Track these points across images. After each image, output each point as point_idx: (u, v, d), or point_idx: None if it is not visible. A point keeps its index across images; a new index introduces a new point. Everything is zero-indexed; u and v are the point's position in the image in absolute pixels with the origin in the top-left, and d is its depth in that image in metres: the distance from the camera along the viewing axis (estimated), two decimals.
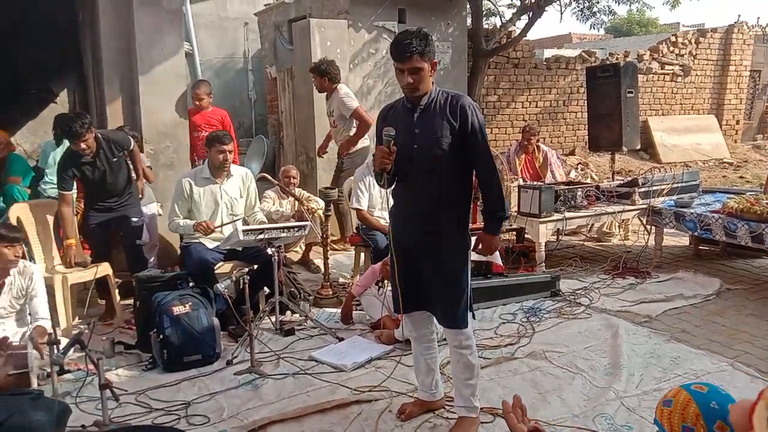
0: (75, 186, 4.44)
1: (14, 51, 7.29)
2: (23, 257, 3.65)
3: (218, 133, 4.38)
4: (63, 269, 4.24)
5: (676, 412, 1.52)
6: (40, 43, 7.18)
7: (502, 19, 9.58)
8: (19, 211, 4.32)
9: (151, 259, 4.71)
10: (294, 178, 5.49)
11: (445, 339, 3.73)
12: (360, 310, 4.28)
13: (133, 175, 4.57)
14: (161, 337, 3.49)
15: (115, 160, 4.35)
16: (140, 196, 4.63)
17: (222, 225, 4.23)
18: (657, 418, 1.59)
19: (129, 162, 4.49)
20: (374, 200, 4.87)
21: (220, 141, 4.24)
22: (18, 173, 5.15)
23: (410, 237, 2.74)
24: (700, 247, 5.89)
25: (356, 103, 5.60)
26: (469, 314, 2.78)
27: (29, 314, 3.54)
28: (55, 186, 4.65)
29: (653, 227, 5.45)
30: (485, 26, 9.33)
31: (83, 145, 4.14)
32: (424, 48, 2.58)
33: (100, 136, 4.32)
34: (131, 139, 4.53)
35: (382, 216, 4.85)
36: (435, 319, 2.90)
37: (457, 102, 2.66)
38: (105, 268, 4.27)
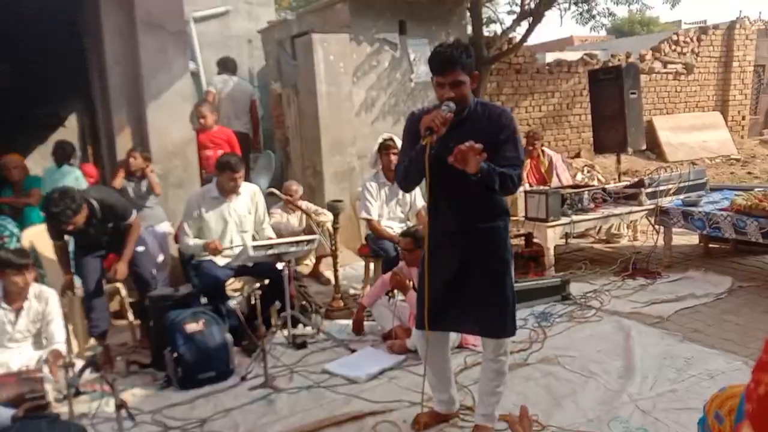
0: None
1: (21, 77, 7.41)
2: (36, 281, 3.70)
3: (231, 161, 4.22)
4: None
5: (720, 398, 1.53)
6: (47, 68, 7.29)
7: (503, 26, 9.63)
8: (33, 235, 4.38)
9: (163, 278, 4.74)
10: (296, 192, 5.45)
11: (458, 347, 3.77)
12: (371, 320, 4.30)
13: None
14: (175, 355, 3.52)
15: (110, 225, 4.01)
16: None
17: (231, 247, 4.26)
18: (707, 400, 1.60)
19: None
20: (382, 210, 4.90)
21: (232, 169, 4.16)
22: (39, 185, 5.22)
23: (448, 251, 2.66)
24: (710, 246, 5.87)
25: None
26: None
27: (45, 338, 3.58)
28: None
29: (662, 227, 5.44)
30: (486, 34, 9.36)
31: (70, 227, 3.78)
32: (466, 60, 2.49)
33: (96, 205, 3.88)
34: (133, 212, 4.12)
35: (389, 225, 4.88)
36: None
37: (496, 113, 2.59)
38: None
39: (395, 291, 4.01)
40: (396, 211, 4.96)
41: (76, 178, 5.30)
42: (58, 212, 3.64)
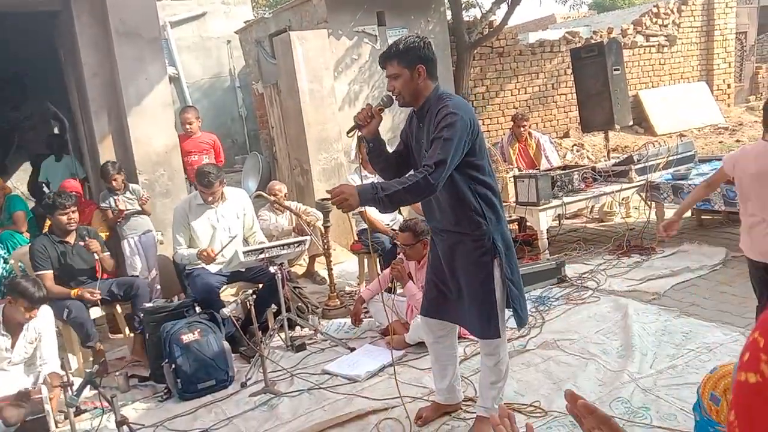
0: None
1: (6, 95, 7.34)
2: None
3: (208, 176, 4.13)
4: None
5: (713, 380, 1.52)
6: (28, 85, 7.22)
7: (482, 9, 9.57)
8: (22, 257, 4.33)
9: (153, 288, 4.70)
10: (279, 192, 5.30)
11: (458, 337, 3.76)
12: (369, 317, 4.28)
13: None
14: (173, 366, 3.50)
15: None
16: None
17: (222, 249, 4.21)
18: (699, 384, 1.59)
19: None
20: None
21: (206, 186, 4.12)
22: (22, 208, 5.10)
23: (437, 246, 2.76)
24: (703, 217, 5.87)
25: None
26: (508, 321, 2.69)
27: (40, 358, 3.55)
28: None
29: (653, 202, 5.44)
30: (466, 18, 9.32)
31: (65, 218, 4.00)
32: (402, 54, 2.44)
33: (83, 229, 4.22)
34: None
35: (379, 219, 4.86)
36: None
37: (437, 109, 2.45)
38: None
39: (395, 285, 4.00)
40: None
41: (66, 165, 6.47)
42: (60, 202, 3.98)
